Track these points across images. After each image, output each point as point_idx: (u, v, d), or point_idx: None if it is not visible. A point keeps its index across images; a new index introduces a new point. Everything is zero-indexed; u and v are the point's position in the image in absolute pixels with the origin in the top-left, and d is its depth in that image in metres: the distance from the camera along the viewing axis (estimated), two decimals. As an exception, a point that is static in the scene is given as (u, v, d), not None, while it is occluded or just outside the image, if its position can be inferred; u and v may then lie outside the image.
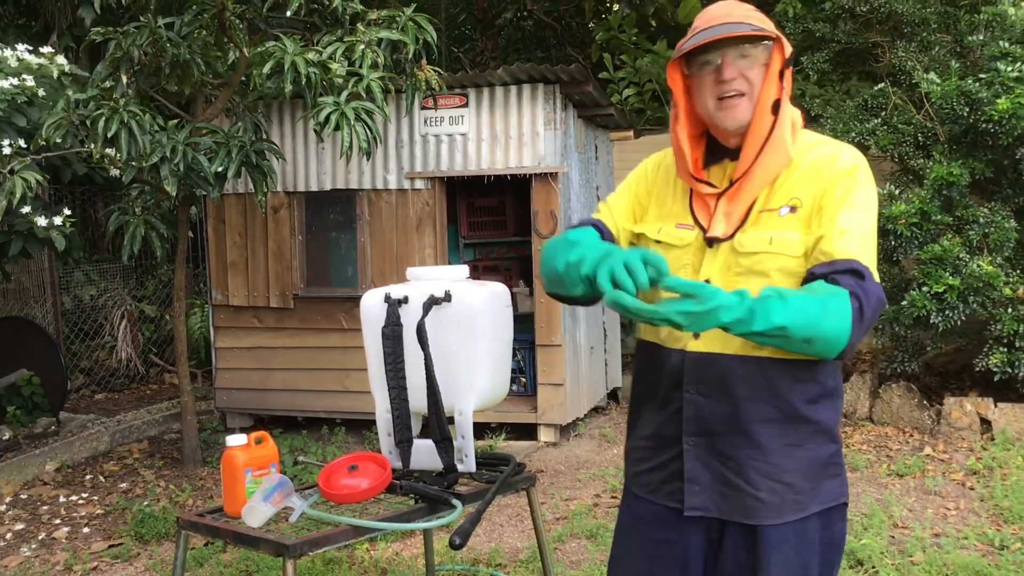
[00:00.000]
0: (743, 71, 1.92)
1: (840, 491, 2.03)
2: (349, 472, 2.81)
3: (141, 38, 5.48)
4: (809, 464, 1.97)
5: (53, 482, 6.28)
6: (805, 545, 1.98)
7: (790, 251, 1.90)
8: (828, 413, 1.99)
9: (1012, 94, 6.05)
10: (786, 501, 1.96)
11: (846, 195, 1.89)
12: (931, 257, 6.14)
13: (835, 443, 2.02)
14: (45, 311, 8.96)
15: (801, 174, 1.96)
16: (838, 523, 2.03)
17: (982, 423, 6.34)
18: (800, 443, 1.96)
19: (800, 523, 1.97)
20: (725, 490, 1.98)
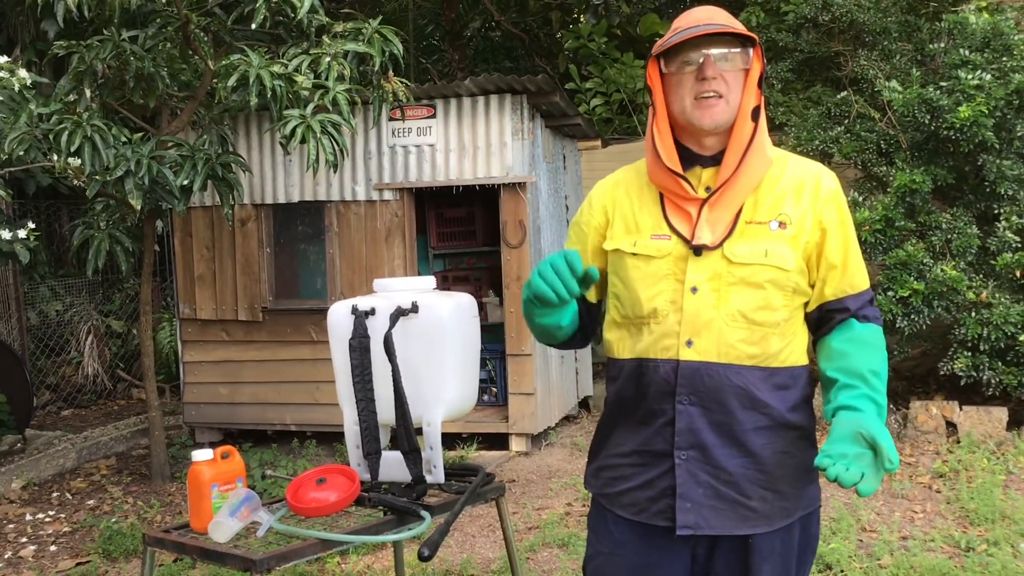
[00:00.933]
0: (723, 73, 1.93)
1: (818, 494, 2.08)
2: (317, 485, 2.80)
3: (105, 51, 5.45)
4: (796, 470, 2.00)
5: (19, 500, 6.20)
6: (789, 552, 2.01)
7: (784, 265, 1.94)
8: (808, 418, 2.03)
9: (973, 102, 6.14)
10: (775, 509, 1.98)
11: (844, 223, 2.01)
12: (896, 262, 6.21)
13: (815, 448, 2.04)
14: (10, 327, 8.85)
15: (785, 190, 1.99)
16: (815, 526, 2.07)
17: (948, 426, 6.41)
18: (788, 450, 1.99)
19: (785, 530, 1.99)
20: (716, 503, 1.96)
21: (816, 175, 2.01)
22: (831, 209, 1.98)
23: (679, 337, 1.97)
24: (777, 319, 1.96)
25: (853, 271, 2.00)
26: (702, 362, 1.95)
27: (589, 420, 7.82)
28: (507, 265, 6.70)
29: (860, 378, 1.93)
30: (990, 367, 6.16)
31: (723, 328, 1.95)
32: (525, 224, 6.61)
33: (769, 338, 1.96)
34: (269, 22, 5.40)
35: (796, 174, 2.00)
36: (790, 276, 1.95)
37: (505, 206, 6.67)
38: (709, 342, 1.95)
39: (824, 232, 1.97)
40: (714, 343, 1.94)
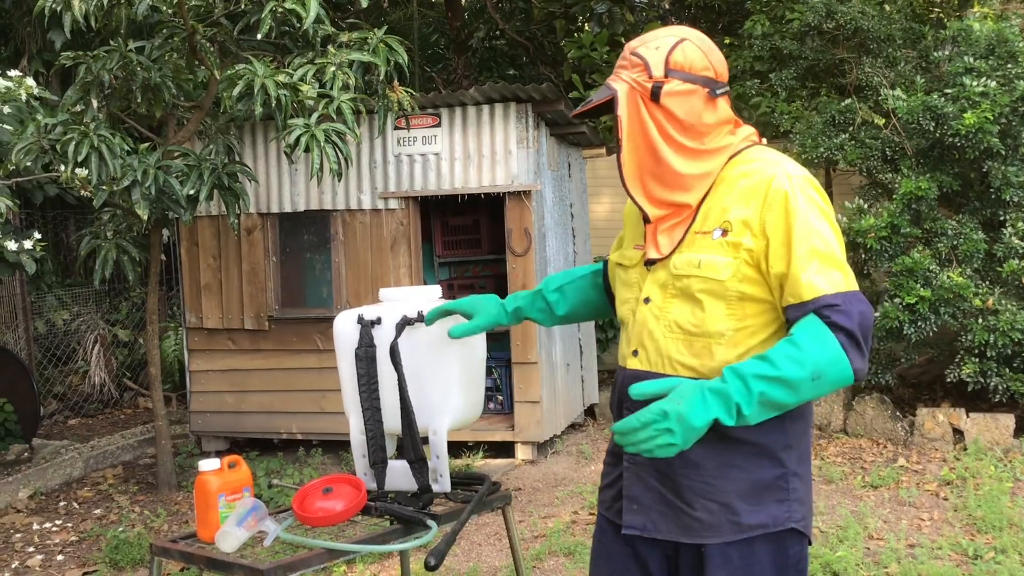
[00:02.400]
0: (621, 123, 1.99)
1: (786, 516, 1.97)
2: (323, 495, 2.79)
3: (111, 62, 5.48)
4: (750, 485, 1.95)
5: (26, 509, 6.21)
6: (754, 567, 1.95)
7: (716, 275, 1.92)
8: (773, 436, 1.95)
9: (978, 109, 6.14)
10: (722, 521, 1.95)
11: (791, 224, 1.88)
12: (902, 269, 6.21)
13: (781, 467, 1.97)
14: (17, 336, 8.87)
15: (735, 196, 1.95)
16: (794, 547, 1.99)
17: (955, 433, 6.40)
18: (738, 464, 1.94)
19: (744, 544, 1.94)
20: (663, 508, 1.99)
21: (767, 177, 1.92)
22: (776, 213, 1.89)
23: (629, 345, 2.06)
24: (720, 329, 1.93)
25: (799, 276, 1.85)
26: (640, 371, 2.00)
27: (595, 428, 7.82)
28: (512, 273, 6.71)
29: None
30: (997, 374, 6.15)
31: (661, 339, 1.98)
32: (530, 232, 6.62)
33: (712, 348, 1.93)
34: (275, 32, 5.42)
35: (753, 177, 1.94)
36: (726, 285, 1.91)
37: (510, 214, 6.67)
38: (650, 352, 1.99)
39: (768, 240, 1.89)
40: (655, 353, 1.98)
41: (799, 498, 2.00)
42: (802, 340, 1.81)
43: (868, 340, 1.85)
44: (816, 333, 1.81)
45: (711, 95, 1.98)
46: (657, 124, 1.97)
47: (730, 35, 12.12)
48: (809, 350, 1.79)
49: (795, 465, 1.99)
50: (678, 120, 1.96)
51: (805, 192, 1.91)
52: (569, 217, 7.69)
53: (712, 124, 1.99)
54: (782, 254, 1.87)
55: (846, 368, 1.81)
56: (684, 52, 1.99)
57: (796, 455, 2.00)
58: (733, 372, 1.81)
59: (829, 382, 1.82)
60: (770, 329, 1.95)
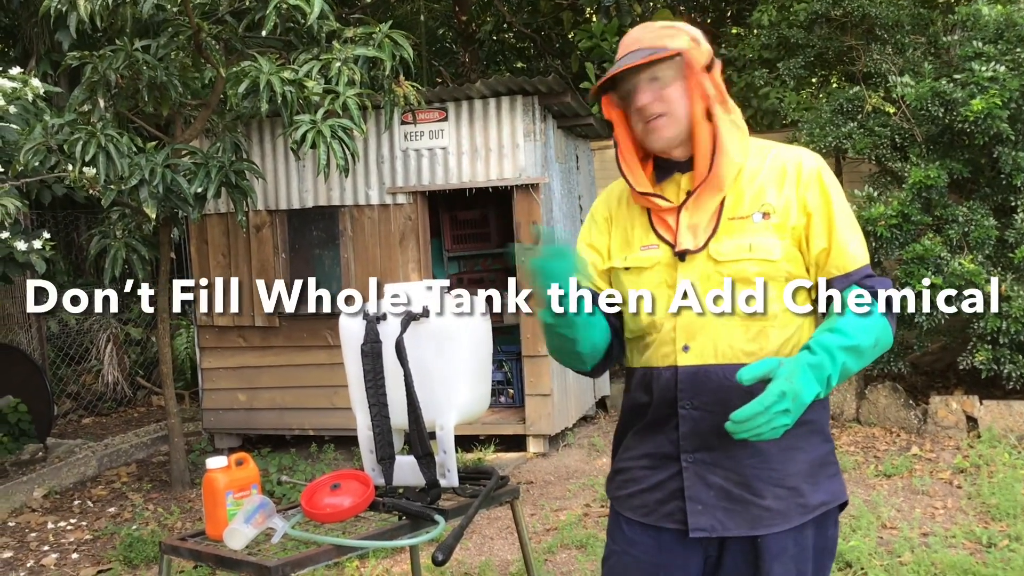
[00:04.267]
0: (658, 93, 1.95)
1: (840, 489, 2.02)
2: (331, 491, 2.80)
3: (117, 61, 5.49)
4: (809, 465, 1.97)
5: (41, 508, 6.25)
6: (803, 553, 1.97)
7: (769, 255, 1.93)
8: (818, 412, 1.98)
9: (987, 94, 6.09)
10: (791, 506, 1.95)
11: (829, 200, 1.95)
12: (913, 257, 6.17)
13: (829, 442, 2.02)
14: (30, 336, 8.92)
15: (766, 178, 1.98)
16: (832, 528, 2.02)
17: (968, 421, 6.37)
18: (798, 446, 1.95)
19: (798, 530, 1.95)
20: (729, 505, 1.95)
21: (797, 159, 2.00)
22: (814, 192, 1.96)
23: (675, 343, 1.98)
24: (774, 310, 1.95)
25: (845, 248, 1.94)
26: (700, 365, 1.95)
27: (607, 420, 7.81)
28: (521, 267, 6.69)
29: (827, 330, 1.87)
30: (1010, 360, 6.11)
31: (717, 329, 1.95)
32: (539, 225, 6.61)
33: (768, 332, 1.94)
34: (280, 29, 5.42)
35: (777, 162, 2.00)
36: (779, 266, 1.93)
37: (518, 207, 6.66)
38: (705, 344, 1.95)
39: (809, 216, 1.95)
40: (710, 345, 1.95)
41: (840, 472, 2.06)
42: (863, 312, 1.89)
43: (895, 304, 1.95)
44: (868, 303, 1.89)
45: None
46: (716, 87, 1.98)
47: (738, 24, 12.07)
48: (872, 317, 1.88)
49: (832, 440, 2.06)
50: (723, 92, 1.99)
51: (830, 173, 2.00)
52: (578, 209, 7.67)
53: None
54: (825, 229, 1.95)
55: (890, 332, 1.93)
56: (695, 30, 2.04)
57: (829, 430, 2.06)
58: (820, 345, 1.83)
59: (882, 347, 1.93)
60: (808, 308, 2.00)
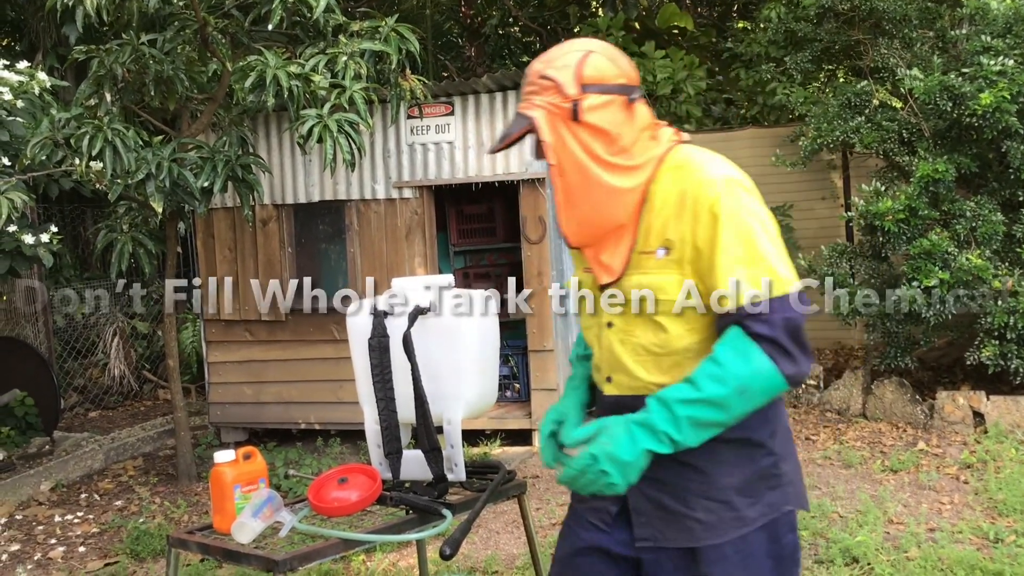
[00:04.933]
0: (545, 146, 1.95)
1: (782, 499, 1.99)
2: (339, 485, 2.80)
3: (124, 55, 5.49)
4: (744, 480, 1.96)
5: (48, 502, 6.26)
6: (750, 560, 1.96)
7: (668, 294, 1.92)
8: (757, 427, 1.96)
9: (995, 88, 6.07)
10: (724, 519, 1.95)
11: (717, 233, 1.85)
12: (920, 252, 6.15)
13: (771, 455, 1.99)
14: (36, 330, 8.94)
15: (670, 210, 1.93)
16: (787, 535, 2.00)
17: (975, 416, 6.35)
18: (729, 460, 1.95)
19: (740, 539, 1.95)
20: (664, 515, 1.99)
21: (696, 187, 1.89)
22: (704, 223, 1.86)
23: (602, 372, 2.07)
24: (685, 345, 1.93)
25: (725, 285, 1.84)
26: (619, 396, 2.02)
27: (613, 415, 7.80)
28: (528, 261, 6.70)
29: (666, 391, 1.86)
30: (1018, 356, 6.09)
31: (631, 364, 1.98)
32: (545, 220, 6.60)
33: (682, 364, 1.93)
34: (286, 23, 5.41)
35: (684, 189, 1.91)
36: (679, 303, 1.92)
37: (525, 202, 6.66)
38: (622, 376, 2.00)
39: (698, 251, 1.88)
40: (627, 378, 1.99)
41: (791, 480, 2.02)
42: (723, 356, 1.82)
43: (799, 342, 1.83)
44: (738, 346, 1.82)
45: (629, 101, 1.95)
46: (583, 145, 1.92)
47: (745, 19, 12.05)
48: (730, 365, 1.80)
49: (781, 448, 2.01)
50: (604, 134, 1.93)
51: (733, 195, 1.88)
52: (584, 204, 7.65)
53: (636, 132, 1.96)
54: (710, 264, 1.86)
55: (773, 376, 1.81)
56: (594, 64, 1.94)
57: (780, 439, 2.01)
58: (657, 401, 1.84)
59: (759, 392, 1.83)
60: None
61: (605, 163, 1.93)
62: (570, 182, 1.94)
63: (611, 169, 1.93)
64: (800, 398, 7.28)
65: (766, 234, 1.87)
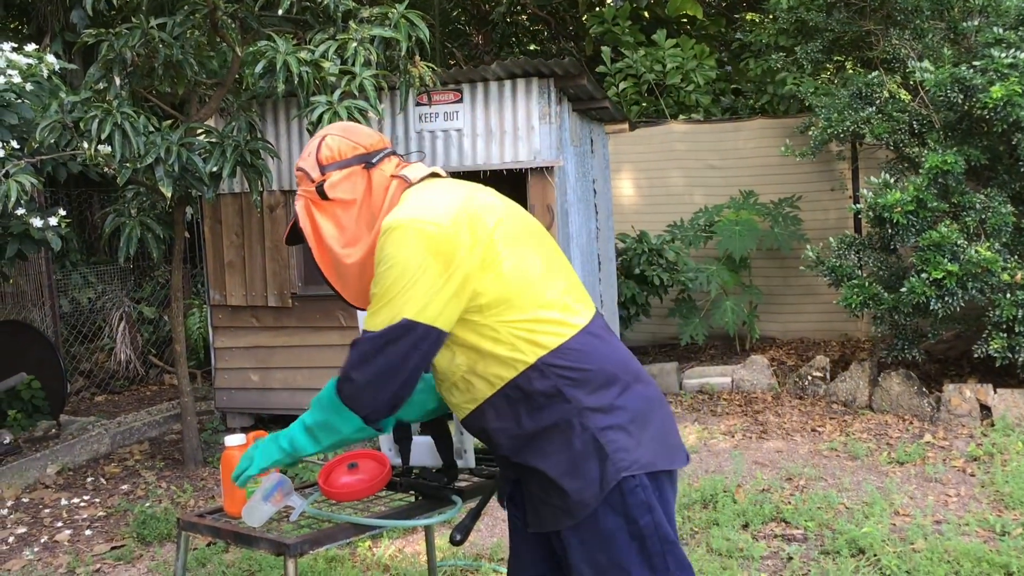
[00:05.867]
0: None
1: (613, 468, 2.03)
2: (348, 470, 2.80)
3: (133, 39, 5.48)
4: (567, 463, 2.06)
5: (54, 485, 6.28)
6: (608, 543, 2.05)
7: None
8: (557, 413, 2.08)
9: (1007, 81, 6.04)
10: (571, 504, 2.06)
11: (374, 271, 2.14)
12: (929, 244, 6.14)
13: (585, 430, 2.05)
14: (43, 314, 8.95)
15: None
16: (644, 516, 2.05)
17: (982, 409, 6.35)
18: (546, 449, 2.07)
19: (591, 518, 2.05)
20: (537, 504, 2.17)
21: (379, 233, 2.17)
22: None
23: None
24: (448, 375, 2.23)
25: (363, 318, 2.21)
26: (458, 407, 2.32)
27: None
28: (535, 249, 6.68)
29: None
30: (1025, 349, 6.08)
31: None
32: (553, 208, 6.59)
33: (451, 391, 2.25)
34: (296, 7, 5.40)
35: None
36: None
37: (533, 190, 6.65)
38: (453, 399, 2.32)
39: None
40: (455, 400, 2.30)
41: (622, 447, 2.05)
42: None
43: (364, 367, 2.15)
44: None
45: (367, 167, 2.24)
46: (334, 219, 2.24)
47: (753, 10, 12.00)
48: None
49: (604, 421, 2.06)
50: (350, 203, 2.23)
51: (390, 241, 2.09)
52: (592, 193, 7.65)
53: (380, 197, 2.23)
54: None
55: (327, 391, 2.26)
56: (328, 146, 2.24)
57: (604, 413, 2.07)
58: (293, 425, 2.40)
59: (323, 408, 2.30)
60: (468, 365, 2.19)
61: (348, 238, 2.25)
62: (328, 261, 2.29)
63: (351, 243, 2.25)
64: (807, 389, 7.28)
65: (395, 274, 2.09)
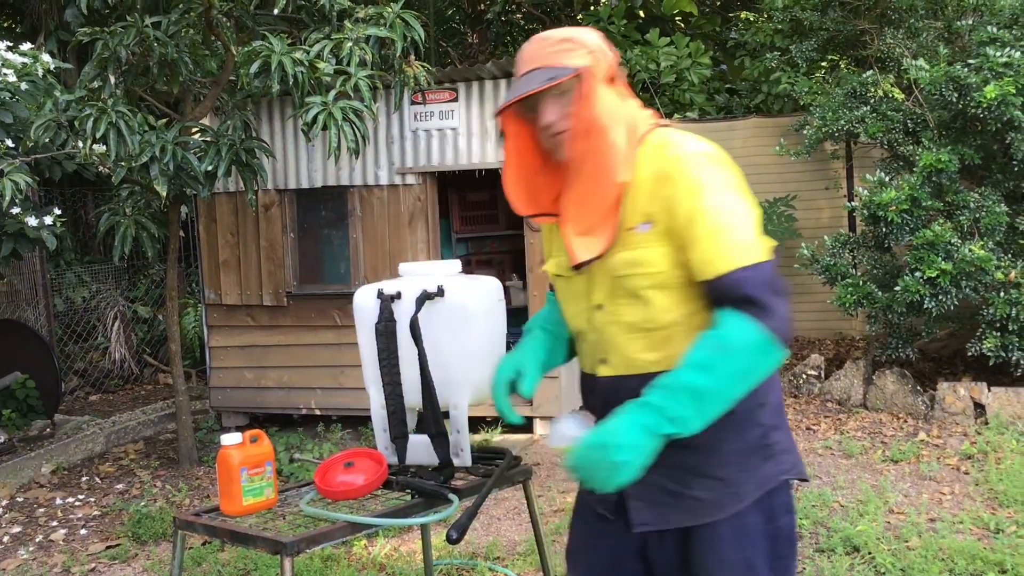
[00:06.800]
0: (563, 110, 1.94)
1: (777, 470, 2.01)
2: (345, 469, 2.81)
3: (128, 38, 5.47)
4: (738, 454, 1.98)
5: (49, 484, 6.27)
6: (744, 540, 1.98)
7: (657, 267, 1.92)
8: (744, 401, 1.94)
9: (1001, 80, 6.06)
10: (721, 496, 1.97)
11: (695, 204, 1.87)
12: (923, 242, 6.15)
13: (759, 425, 2.00)
14: (38, 313, 8.93)
15: (650, 185, 1.93)
16: (783, 515, 2.02)
17: (976, 408, 6.36)
18: (723, 437, 1.96)
19: (735, 517, 1.97)
20: (664, 499, 2.00)
21: (676, 158, 1.92)
22: (684, 190, 1.88)
23: (595, 355, 2.06)
24: (674, 318, 1.94)
25: (708, 250, 1.85)
26: (615, 377, 2.02)
27: (613, 403, 7.82)
28: (530, 249, 6.69)
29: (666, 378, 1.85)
30: (1019, 348, 6.10)
31: (623, 342, 1.99)
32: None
33: (672, 338, 1.94)
34: (291, 7, 5.40)
35: (660, 165, 1.92)
36: (669, 275, 1.92)
37: (528, 189, 6.64)
38: (617, 357, 2.01)
39: (680, 222, 1.89)
40: (621, 357, 2.00)
41: (784, 448, 2.04)
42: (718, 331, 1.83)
43: (779, 298, 1.83)
44: (728, 319, 1.83)
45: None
46: (611, 106, 1.95)
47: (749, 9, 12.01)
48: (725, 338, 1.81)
49: (771, 419, 2.02)
50: (624, 101, 1.97)
51: (708, 168, 1.90)
52: (587, 192, 7.65)
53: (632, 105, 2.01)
54: (692, 235, 1.87)
55: (749, 329, 1.81)
56: (595, 37, 2.00)
57: (770, 410, 2.02)
58: (650, 386, 1.84)
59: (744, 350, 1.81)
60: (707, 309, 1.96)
61: (620, 129, 1.94)
62: (586, 147, 1.94)
63: (624, 136, 1.94)
64: (801, 388, 7.29)
65: (742, 205, 1.90)
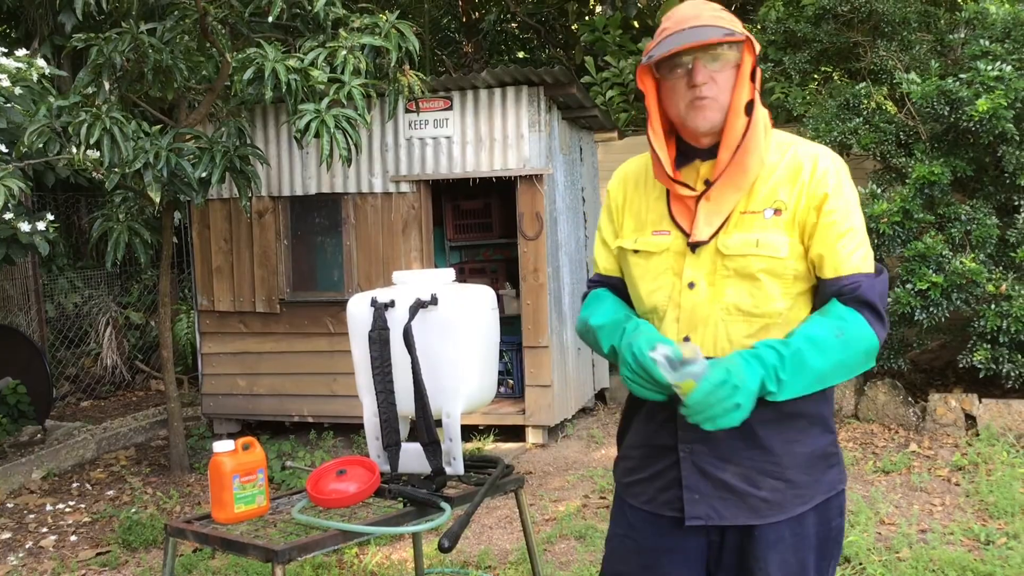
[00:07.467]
0: (714, 74, 1.92)
1: (838, 478, 2.04)
2: (337, 476, 2.81)
3: (123, 44, 5.47)
4: (808, 458, 1.98)
5: (40, 490, 6.25)
6: (802, 542, 1.98)
7: (776, 252, 1.92)
8: (819, 405, 2.00)
9: (992, 94, 6.09)
10: (787, 497, 1.97)
11: (836, 203, 1.93)
12: (914, 255, 6.17)
13: (830, 433, 2.03)
14: (29, 319, 8.91)
15: (782, 175, 1.96)
16: (836, 518, 2.03)
17: (967, 419, 6.38)
18: (798, 438, 1.97)
19: (796, 520, 1.97)
20: (726, 495, 1.97)
21: (813, 156, 1.97)
22: (823, 191, 1.94)
23: (677, 334, 1.99)
24: (778, 308, 1.95)
25: (840, 252, 1.93)
26: None
27: (606, 412, 7.82)
28: (524, 257, 6.70)
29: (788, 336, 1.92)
30: (1010, 360, 6.12)
31: (719, 323, 1.95)
32: (542, 216, 6.61)
33: (770, 329, 1.94)
34: (286, 15, 5.40)
35: (794, 158, 1.97)
36: (785, 263, 1.93)
37: (522, 198, 6.66)
38: (705, 337, 1.96)
39: (816, 215, 1.93)
40: (710, 337, 1.95)
41: (842, 458, 2.08)
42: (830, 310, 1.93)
43: (886, 311, 1.97)
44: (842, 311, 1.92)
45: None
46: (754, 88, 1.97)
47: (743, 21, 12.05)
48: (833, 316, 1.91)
49: (834, 427, 2.07)
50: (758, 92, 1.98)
51: (844, 174, 1.99)
52: (581, 201, 7.67)
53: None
54: (820, 232, 1.93)
55: (872, 339, 1.92)
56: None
57: (834, 421, 2.08)
58: (762, 343, 1.89)
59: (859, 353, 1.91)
60: (811, 307, 2.00)
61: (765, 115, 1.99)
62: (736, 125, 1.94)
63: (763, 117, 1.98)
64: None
65: (860, 212, 2.00)
